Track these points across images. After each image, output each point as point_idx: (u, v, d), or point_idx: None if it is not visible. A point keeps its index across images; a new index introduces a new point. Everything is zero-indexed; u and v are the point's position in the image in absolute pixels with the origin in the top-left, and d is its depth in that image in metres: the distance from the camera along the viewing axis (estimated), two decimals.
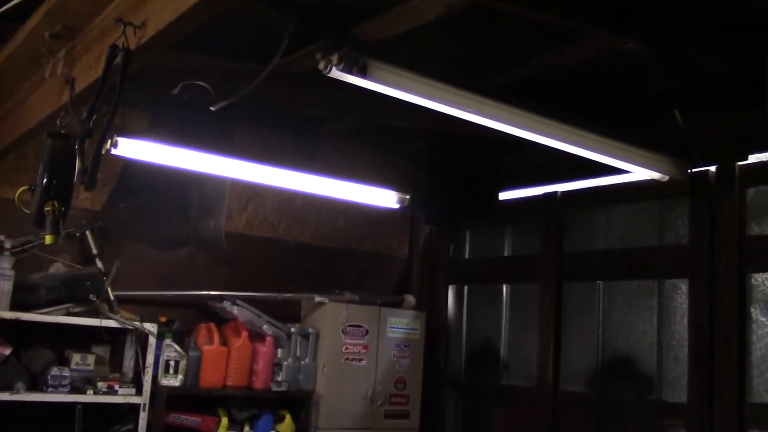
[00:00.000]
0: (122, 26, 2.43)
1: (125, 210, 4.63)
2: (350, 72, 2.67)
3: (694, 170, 4.06)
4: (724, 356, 3.96)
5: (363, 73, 2.70)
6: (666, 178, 3.85)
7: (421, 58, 3.57)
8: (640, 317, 4.53)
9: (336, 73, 2.68)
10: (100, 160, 2.53)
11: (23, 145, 3.91)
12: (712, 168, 4.16)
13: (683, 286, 4.31)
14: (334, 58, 2.62)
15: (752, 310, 3.98)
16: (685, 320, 4.25)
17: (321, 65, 2.68)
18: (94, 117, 2.57)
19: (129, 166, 4.51)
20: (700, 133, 4.12)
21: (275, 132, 5.20)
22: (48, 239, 2.77)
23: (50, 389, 3.97)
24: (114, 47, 2.44)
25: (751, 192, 4.07)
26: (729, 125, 4.09)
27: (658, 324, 4.42)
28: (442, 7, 3.08)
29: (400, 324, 5.22)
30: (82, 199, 4.50)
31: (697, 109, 4.04)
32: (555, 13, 3.17)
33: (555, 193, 5.09)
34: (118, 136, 3.76)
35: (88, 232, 4.48)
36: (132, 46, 2.44)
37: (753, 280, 3.99)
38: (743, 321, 3.95)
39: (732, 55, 3.59)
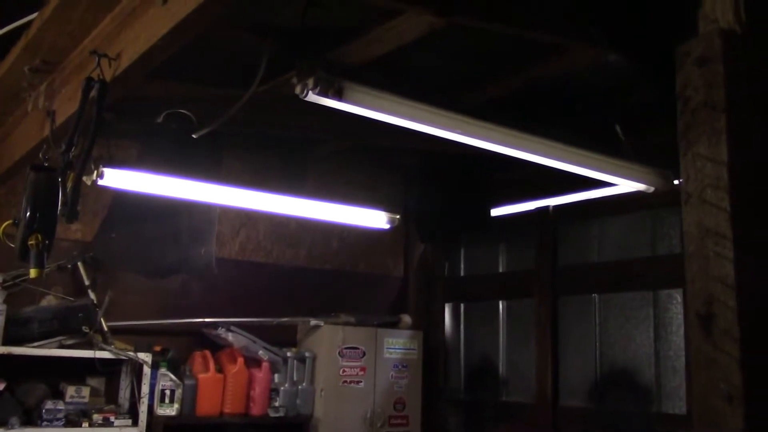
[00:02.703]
0: (97, 58, 2.45)
1: (116, 240, 4.63)
2: (326, 95, 2.67)
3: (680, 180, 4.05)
4: None
5: (339, 95, 2.70)
6: (652, 189, 3.84)
7: (405, 78, 3.58)
8: (637, 329, 4.50)
9: (312, 97, 2.69)
10: (80, 192, 2.52)
11: (11, 178, 3.93)
12: None
13: (678, 296, 4.29)
14: (310, 82, 2.63)
15: None
16: (682, 330, 4.22)
17: (297, 89, 2.69)
18: (73, 149, 2.57)
19: (119, 196, 4.52)
20: None
21: (265, 157, 5.20)
22: (32, 273, 2.76)
23: (45, 423, 3.94)
24: (89, 79, 2.44)
25: None
26: None
27: (655, 335, 4.40)
28: (422, 27, 3.09)
29: (398, 344, 5.20)
30: (74, 230, 4.50)
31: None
32: (535, 28, 3.18)
33: (547, 207, 5.09)
34: (106, 166, 3.77)
35: (80, 264, 4.47)
36: (107, 78, 2.45)
37: None
38: None
39: None
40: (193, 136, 3.12)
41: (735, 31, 1.27)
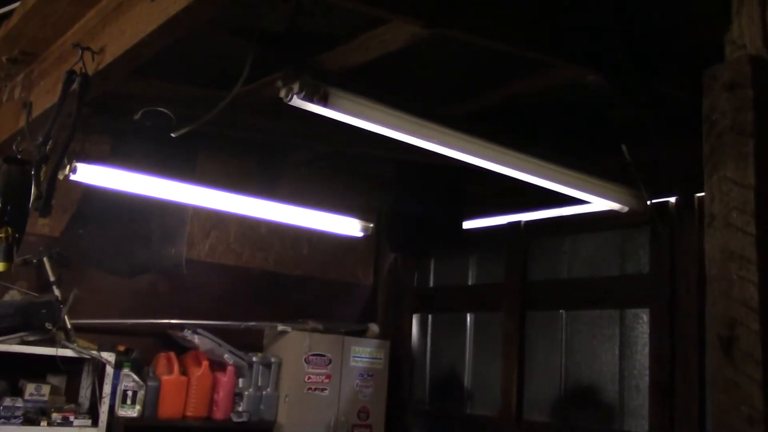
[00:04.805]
0: (80, 51, 2.41)
1: (85, 237, 4.56)
2: (311, 100, 2.66)
3: (654, 201, 4.11)
4: (685, 385, 3.98)
5: (324, 101, 2.70)
6: (626, 209, 3.89)
7: (386, 87, 3.59)
8: (603, 346, 4.54)
9: (297, 102, 2.67)
10: (55, 186, 2.48)
11: None
12: (672, 199, 4.21)
13: (644, 316, 4.34)
14: (295, 87, 2.62)
15: None
16: (647, 350, 4.27)
17: (282, 93, 2.67)
18: (50, 143, 2.52)
19: (89, 192, 4.45)
20: (661, 163, 4.17)
21: (240, 159, 5.17)
22: (0, 267, 2.71)
23: (2, 421, 3.86)
24: (71, 73, 2.41)
25: None
26: (689, 156, 4.13)
27: (620, 353, 4.44)
28: (406, 37, 3.10)
29: (364, 353, 5.18)
30: (41, 225, 4.41)
31: (658, 140, 4.09)
32: (518, 44, 3.21)
33: (519, 222, 5.12)
34: (78, 161, 3.71)
35: (45, 259, 4.39)
36: (90, 72, 2.41)
37: None
38: (703, 350, 3.98)
39: (695, 84, 3.62)
40: (172, 135, 3.08)
41: (763, 57, 1.29)
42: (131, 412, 4.31)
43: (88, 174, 3.84)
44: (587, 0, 3.04)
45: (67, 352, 4.08)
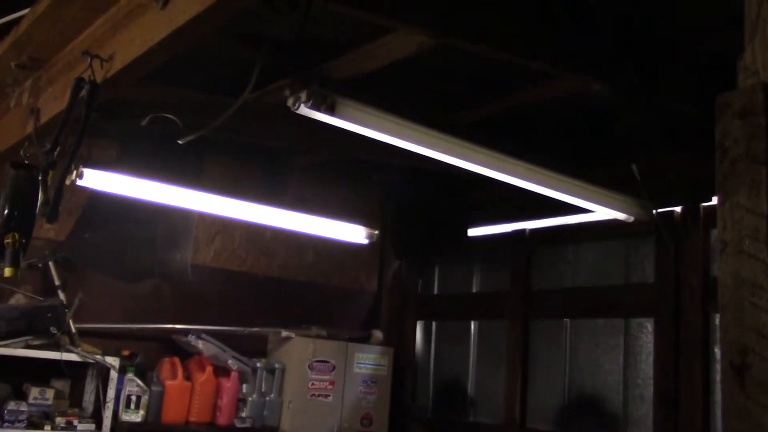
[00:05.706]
0: (89, 59, 2.42)
1: (90, 241, 4.57)
2: (318, 109, 2.67)
3: (659, 210, 4.11)
4: (689, 395, 3.97)
5: (331, 110, 2.70)
6: (631, 218, 3.89)
7: (391, 96, 3.60)
8: (607, 356, 4.54)
9: (304, 110, 2.68)
10: (62, 192, 2.49)
11: None
12: (678, 209, 4.21)
13: (649, 325, 4.33)
14: (303, 95, 2.62)
15: (716, 349, 4.00)
16: (651, 359, 4.26)
17: (289, 102, 2.68)
18: (58, 149, 2.53)
19: (95, 196, 4.46)
20: (666, 172, 4.17)
21: (245, 165, 5.18)
22: (7, 272, 2.71)
23: (6, 424, 3.87)
24: (80, 80, 2.41)
25: (714, 232, 4.12)
26: (694, 166, 4.14)
27: (624, 363, 4.43)
28: (413, 46, 3.11)
29: (368, 360, 5.18)
30: (46, 229, 4.42)
31: (664, 150, 4.09)
32: (523, 54, 3.21)
33: (523, 230, 5.12)
34: (85, 166, 3.73)
35: (51, 263, 4.40)
36: (98, 79, 2.42)
37: (717, 320, 4.02)
38: (707, 360, 3.98)
39: (700, 95, 3.63)
40: (180, 142, 3.09)
41: None
42: (135, 416, 4.32)
43: (95, 179, 3.85)
44: (592, 10, 3.05)
45: (72, 357, 4.08)
